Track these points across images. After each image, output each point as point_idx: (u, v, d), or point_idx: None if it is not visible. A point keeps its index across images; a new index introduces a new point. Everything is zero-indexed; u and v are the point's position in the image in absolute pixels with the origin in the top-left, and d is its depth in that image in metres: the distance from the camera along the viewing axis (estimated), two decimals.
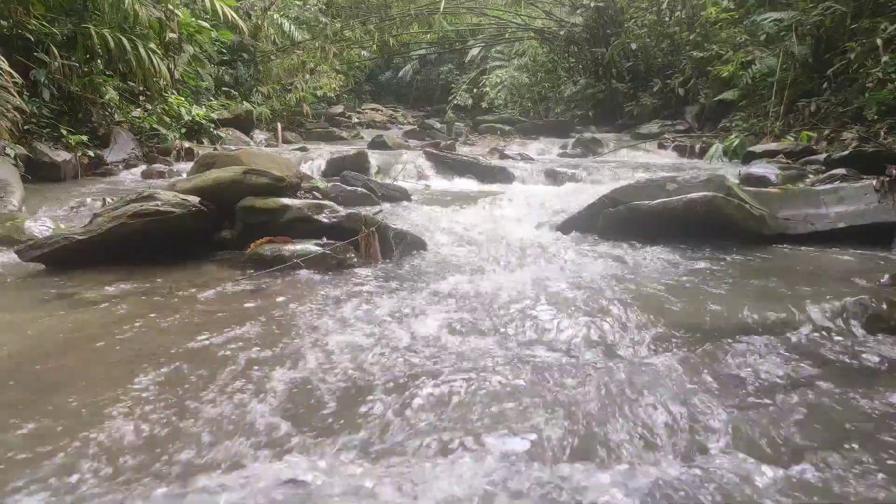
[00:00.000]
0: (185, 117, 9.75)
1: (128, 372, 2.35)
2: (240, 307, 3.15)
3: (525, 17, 18.95)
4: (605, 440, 1.86)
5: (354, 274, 3.78)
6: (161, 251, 3.98)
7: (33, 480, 1.68)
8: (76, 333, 2.78)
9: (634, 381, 2.24)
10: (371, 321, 2.92)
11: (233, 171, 4.56)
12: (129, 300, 3.25)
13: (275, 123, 13.37)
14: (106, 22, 8.05)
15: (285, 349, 2.58)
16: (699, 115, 13.83)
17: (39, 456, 1.80)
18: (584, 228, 4.86)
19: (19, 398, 2.16)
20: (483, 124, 16.86)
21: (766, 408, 2.08)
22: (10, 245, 4.23)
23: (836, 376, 2.32)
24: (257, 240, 3.99)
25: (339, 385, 2.27)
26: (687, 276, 3.67)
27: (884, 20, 8.84)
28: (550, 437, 1.87)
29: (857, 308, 2.79)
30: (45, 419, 2.00)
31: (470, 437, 1.87)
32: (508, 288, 3.40)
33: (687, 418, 2.01)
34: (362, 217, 4.25)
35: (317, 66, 15.80)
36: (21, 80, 6.60)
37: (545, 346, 2.64)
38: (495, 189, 7.30)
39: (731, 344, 2.63)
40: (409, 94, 27.11)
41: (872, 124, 8.53)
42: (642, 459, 1.78)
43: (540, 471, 1.70)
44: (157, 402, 2.13)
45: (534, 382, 2.24)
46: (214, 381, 2.29)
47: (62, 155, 7.14)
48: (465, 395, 2.14)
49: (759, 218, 4.52)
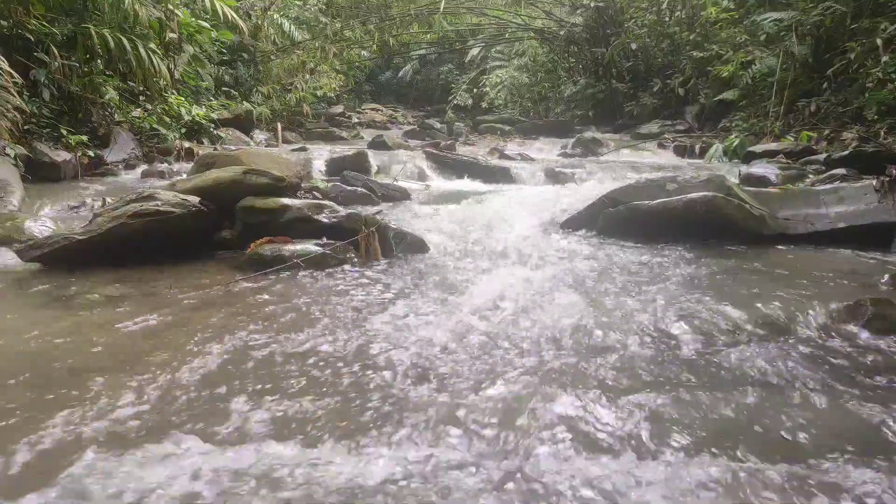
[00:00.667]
0: (185, 117, 9.74)
1: (128, 372, 2.36)
2: (240, 307, 3.15)
3: (525, 17, 18.95)
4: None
5: (354, 274, 3.77)
6: (161, 251, 3.98)
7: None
8: (76, 333, 2.78)
9: (632, 379, 2.24)
10: (371, 321, 2.92)
11: (233, 171, 4.56)
12: (128, 300, 3.25)
13: (275, 123, 13.36)
14: (106, 22, 8.05)
15: (285, 349, 2.58)
16: (699, 115, 13.82)
17: (39, 457, 1.80)
18: (585, 228, 4.87)
19: (19, 398, 2.16)
20: (483, 124, 16.85)
21: (764, 407, 2.08)
22: (10, 245, 4.22)
23: (836, 376, 2.32)
24: (257, 240, 3.99)
25: (340, 384, 2.27)
26: (687, 275, 3.67)
27: (884, 20, 8.84)
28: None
29: (857, 308, 2.79)
30: (44, 419, 2.00)
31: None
32: (508, 287, 3.40)
33: (674, 414, 2.01)
34: (362, 217, 4.25)
35: (317, 66, 15.80)
36: (21, 80, 6.59)
37: (544, 345, 2.64)
38: (495, 189, 7.29)
39: (729, 343, 2.63)
40: (409, 94, 27.11)
41: (872, 124, 8.53)
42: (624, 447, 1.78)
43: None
44: (158, 402, 2.13)
45: (527, 383, 2.24)
46: (214, 381, 2.29)
47: (62, 155, 7.13)
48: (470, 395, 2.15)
49: (759, 218, 4.52)
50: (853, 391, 2.20)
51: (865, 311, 2.75)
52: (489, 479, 1.66)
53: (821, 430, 1.94)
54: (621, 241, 4.52)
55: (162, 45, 9.07)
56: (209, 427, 1.96)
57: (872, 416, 2.03)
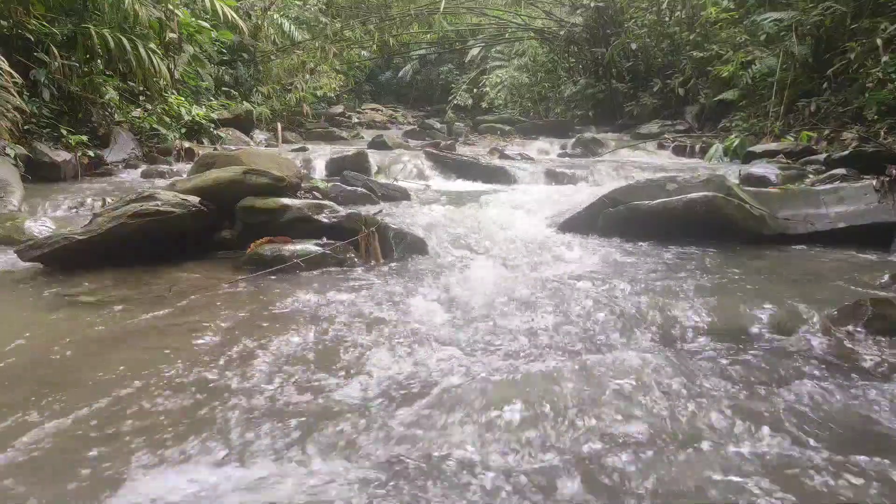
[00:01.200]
0: (185, 117, 9.73)
1: (128, 372, 2.35)
2: (240, 307, 3.14)
3: (525, 17, 18.94)
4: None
5: (354, 273, 3.77)
6: (161, 251, 3.98)
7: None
8: (76, 334, 2.78)
9: (627, 377, 2.24)
10: (371, 320, 2.92)
11: (233, 170, 4.56)
12: (128, 300, 3.25)
13: (275, 123, 13.35)
14: (106, 22, 8.04)
15: (285, 349, 2.58)
16: (699, 115, 13.82)
17: (40, 458, 1.80)
18: (585, 228, 4.87)
19: (20, 398, 2.16)
20: (483, 124, 16.85)
21: (763, 406, 2.08)
22: (10, 245, 4.23)
23: (836, 376, 2.32)
24: (257, 240, 3.99)
25: (337, 387, 2.27)
26: (686, 275, 3.67)
27: (884, 20, 8.83)
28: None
29: (857, 308, 2.79)
30: (44, 419, 2.00)
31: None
32: (509, 287, 3.40)
33: (673, 417, 2.01)
34: (362, 217, 4.25)
35: (317, 66, 15.79)
36: (21, 80, 6.59)
37: (545, 343, 2.64)
38: (495, 189, 7.29)
39: (729, 342, 2.63)
40: (409, 94, 27.10)
41: (872, 124, 8.53)
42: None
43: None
44: (158, 402, 2.13)
45: (525, 381, 2.24)
46: (214, 380, 2.29)
47: (62, 155, 7.13)
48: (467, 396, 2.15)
49: (759, 218, 4.52)
50: (853, 391, 2.20)
51: (865, 311, 2.75)
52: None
53: (818, 429, 1.94)
54: (621, 242, 4.51)
55: (162, 45, 9.07)
56: (208, 426, 1.96)
57: (873, 416, 2.03)
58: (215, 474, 1.70)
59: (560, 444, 1.85)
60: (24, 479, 1.69)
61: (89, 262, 3.80)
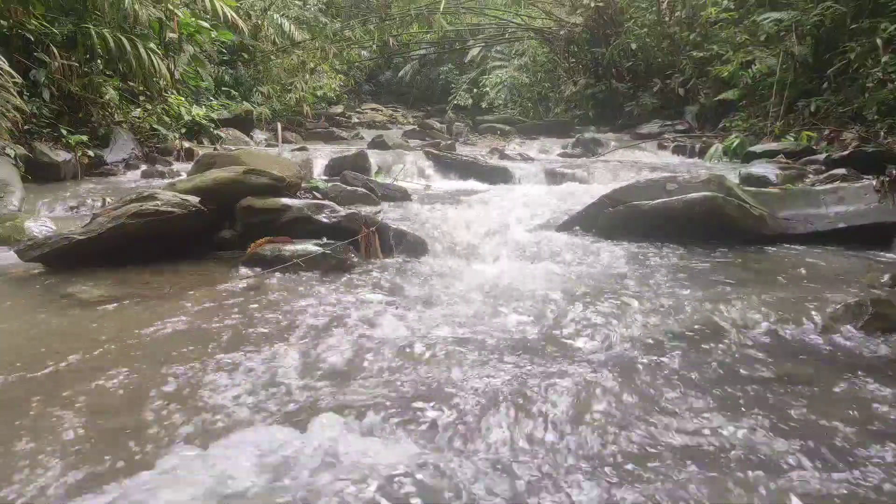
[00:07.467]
0: (185, 117, 9.73)
1: (127, 372, 2.36)
2: (240, 307, 3.14)
3: (525, 17, 18.95)
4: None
5: (354, 273, 3.77)
6: (161, 251, 3.97)
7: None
8: (75, 334, 2.78)
9: (627, 377, 2.24)
10: (371, 320, 2.92)
11: (233, 170, 4.55)
12: (128, 301, 3.24)
13: (275, 123, 13.35)
14: (106, 22, 8.04)
15: (285, 350, 2.58)
16: (699, 115, 13.81)
17: (40, 459, 1.80)
18: (585, 228, 4.86)
19: (20, 398, 2.16)
20: (483, 124, 16.83)
21: (762, 406, 2.08)
22: (10, 245, 4.22)
23: (836, 376, 2.32)
24: (257, 240, 3.99)
25: (338, 387, 2.27)
26: (686, 275, 3.67)
27: (884, 20, 8.82)
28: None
29: (857, 308, 2.79)
30: (44, 419, 2.00)
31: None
32: (509, 286, 3.40)
33: (673, 419, 2.01)
34: (362, 217, 4.25)
35: (317, 66, 15.79)
36: (21, 80, 6.59)
37: (544, 342, 2.64)
38: (495, 189, 7.29)
39: (730, 342, 2.64)
40: (409, 94, 27.08)
41: (872, 124, 8.53)
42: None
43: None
44: (156, 402, 2.14)
45: (517, 379, 2.25)
46: (213, 381, 2.29)
47: (62, 155, 7.13)
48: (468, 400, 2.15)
49: (759, 218, 4.52)
50: (853, 391, 2.20)
51: (865, 311, 2.75)
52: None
53: (818, 429, 1.94)
54: (622, 241, 4.51)
55: (162, 45, 9.06)
56: (209, 425, 1.96)
57: (873, 416, 2.03)
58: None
59: (563, 439, 1.85)
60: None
61: (89, 261, 3.80)
